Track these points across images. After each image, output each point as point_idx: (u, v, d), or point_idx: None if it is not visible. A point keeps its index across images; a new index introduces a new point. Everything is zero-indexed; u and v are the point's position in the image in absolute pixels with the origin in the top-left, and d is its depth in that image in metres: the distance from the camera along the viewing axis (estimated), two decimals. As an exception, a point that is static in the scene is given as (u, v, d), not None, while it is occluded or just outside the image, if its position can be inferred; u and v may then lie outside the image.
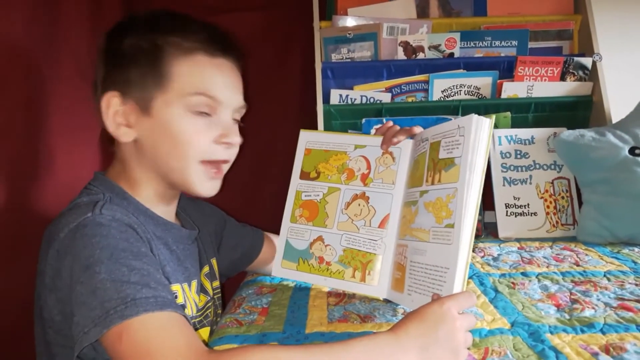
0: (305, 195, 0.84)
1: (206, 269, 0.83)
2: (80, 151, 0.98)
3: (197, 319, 0.76)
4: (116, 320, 0.50)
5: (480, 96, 1.26)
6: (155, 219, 0.72)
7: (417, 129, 0.78)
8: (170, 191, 0.75)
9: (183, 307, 0.70)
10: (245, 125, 0.80)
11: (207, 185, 0.73)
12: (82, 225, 0.59)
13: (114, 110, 0.69)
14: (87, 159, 1.00)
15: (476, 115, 0.65)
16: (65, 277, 0.58)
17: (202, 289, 0.80)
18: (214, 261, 0.87)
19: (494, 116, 0.66)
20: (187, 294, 0.73)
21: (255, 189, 1.41)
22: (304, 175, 0.85)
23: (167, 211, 0.76)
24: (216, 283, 0.86)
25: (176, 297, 0.68)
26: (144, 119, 0.69)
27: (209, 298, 0.81)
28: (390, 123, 0.83)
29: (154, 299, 0.53)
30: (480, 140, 0.64)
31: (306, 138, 0.87)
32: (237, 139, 0.73)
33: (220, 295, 0.87)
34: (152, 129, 0.69)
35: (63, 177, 0.90)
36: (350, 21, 1.31)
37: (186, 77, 0.68)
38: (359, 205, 0.80)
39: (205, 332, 0.78)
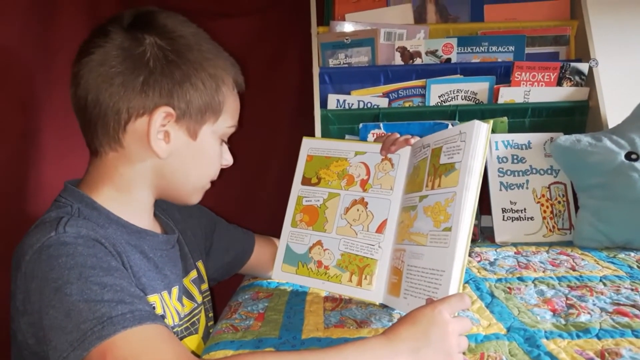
0: (306, 201, 0.85)
1: (193, 274, 0.82)
2: (74, 154, 0.98)
3: (183, 326, 0.75)
4: (94, 342, 0.49)
5: (477, 101, 1.26)
6: (128, 227, 0.70)
7: (414, 140, 0.80)
8: (153, 199, 0.75)
9: (163, 317, 0.69)
10: (243, 129, 0.81)
11: (197, 198, 0.79)
12: (45, 246, 0.57)
13: (164, 126, 0.68)
14: (81, 163, 1.00)
15: (478, 121, 0.66)
16: (35, 301, 0.56)
17: (188, 295, 0.78)
18: (200, 264, 0.85)
19: (491, 121, 0.66)
20: (167, 303, 0.71)
21: (253, 193, 1.41)
22: (306, 181, 0.86)
23: (143, 218, 0.74)
24: (204, 286, 0.85)
25: (154, 308, 0.67)
26: (187, 141, 0.71)
27: (197, 304, 0.80)
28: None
29: (130, 314, 0.52)
30: (478, 144, 0.65)
31: (308, 145, 0.89)
32: (232, 161, 0.80)
33: (209, 298, 0.86)
34: (188, 150, 0.71)
35: (57, 180, 0.90)
36: (347, 26, 1.31)
37: (229, 112, 0.75)
38: (358, 210, 0.80)
39: (191, 340, 0.76)
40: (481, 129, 0.65)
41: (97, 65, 0.66)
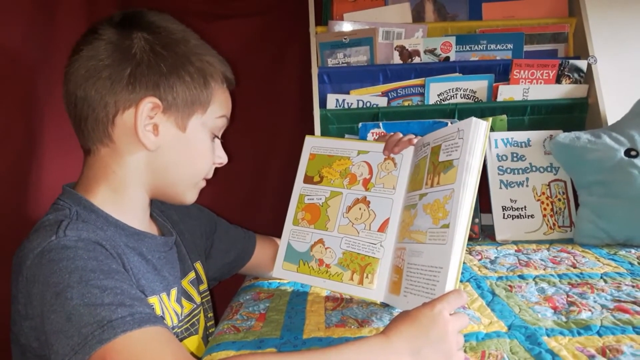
0: (308, 199, 0.85)
1: (191, 275, 0.81)
2: (75, 156, 0.98)
3: (183, 327, 0.75)
4: (95, 346, 0.49)
5: (476, 99, 1.26)
6: (127, 230, 0.69)
7: (417, 140, 0.80)
8: (148, 199, 0.75)
9: (162, 318, 0.68)
10: (244, 130, 0.81)
11: (192, 197, 0.78)
12: (47, 251, 0.57)
13: (150, 117, 0.68)
14: (81, 165, 1.00)
15: (475, 118, 0.66)
16: (37, 305, 0.56)
17: (187, 297, 0.78)
18: (198, 265, 0.85)
19: (490, 119, 0.66)
20: (166, 304, 0.71)
21: (254, 193, 1.41)
22: (308, 180, 0.87)
23: (140, 219, 0.74)
24: (203, 287, 0.85)
25: (154, 310, 0.67)
26: (177, 133, 0.70)
27: (196, 305, 0.80)
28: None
29: (130, 317, 0.52)
30: (477, 142, 0.65)
31: (311, 143, 0.89)
32: (226, 159, 0.80)
33: (208, 298, 0.86)
34: (178, 142, 0.71)
35: (57, 182, 0.90)
36: (346, 26, 1.32)
37: (218, 103, 0.74)
38: (360, 209, 0.80)
39: (191, 341, 0.76)
40: (479, 126, 0.66)
41: (86, 60, 0.67)
